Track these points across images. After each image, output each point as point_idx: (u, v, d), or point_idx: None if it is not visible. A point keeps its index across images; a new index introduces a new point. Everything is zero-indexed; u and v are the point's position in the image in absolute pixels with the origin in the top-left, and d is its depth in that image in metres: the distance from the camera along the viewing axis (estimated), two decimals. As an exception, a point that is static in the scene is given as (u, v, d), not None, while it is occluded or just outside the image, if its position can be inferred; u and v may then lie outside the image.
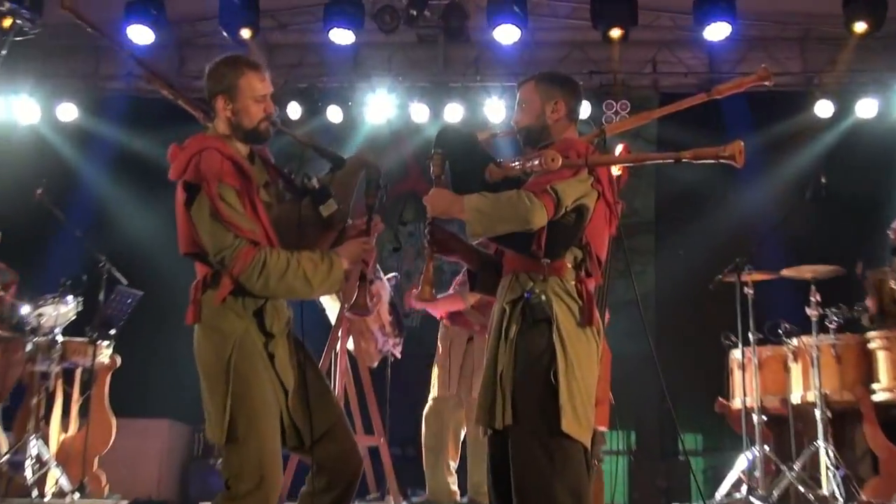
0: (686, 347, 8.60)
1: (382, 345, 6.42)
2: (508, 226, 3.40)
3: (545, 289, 3.43)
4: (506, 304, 3.50)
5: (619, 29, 8.38)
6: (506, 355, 3.43)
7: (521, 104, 3.84)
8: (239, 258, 3.18)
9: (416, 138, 10.24)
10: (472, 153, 3.74)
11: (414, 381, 6.95)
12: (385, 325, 6.39)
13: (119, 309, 6.80)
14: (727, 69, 9.72)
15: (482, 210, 3.43)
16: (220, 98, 3.41)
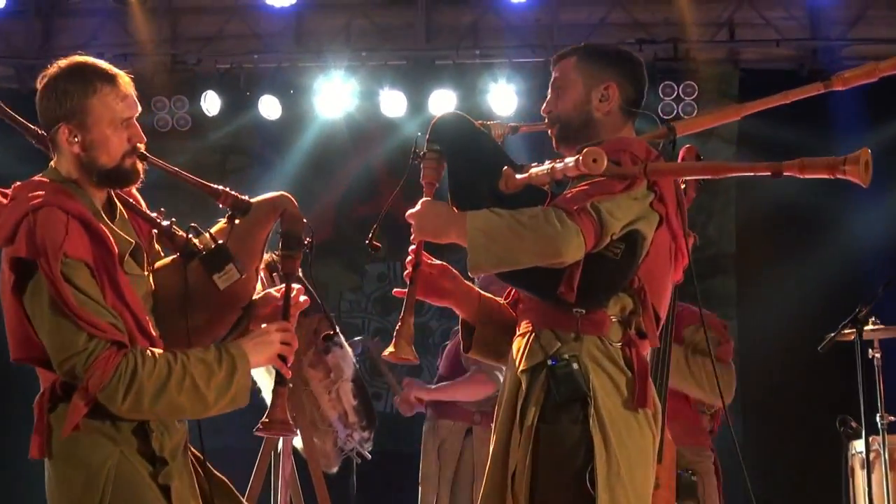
0: (782, 436, 8.56)
1: (344, 441, 6.38)
2: (528, 257, 3.23)
3: (578, 353, 3.28)
4: (521, 373, 3.35)
5: None
6: (521, 449, 3.25)
7: (556, 87, 3.76)
8: (96, 369, 2.89)
9: (389, 139, 10.23)
10: (481, 152, 3.64)
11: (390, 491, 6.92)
12: (348, 412, 6.36)
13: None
14: (837, 34, 9.75)
15: (491, 233, 3.27)
16: (64, 128, 3.09)
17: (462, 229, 3.35)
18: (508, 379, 3.50)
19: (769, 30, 10.01)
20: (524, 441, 3.25)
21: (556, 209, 3.19)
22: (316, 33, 10.14)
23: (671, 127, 3.71)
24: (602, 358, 3.31)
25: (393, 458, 6.91)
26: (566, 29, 9.99)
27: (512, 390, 3.42)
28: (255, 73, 9.91)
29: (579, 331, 3.32)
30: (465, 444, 6.29)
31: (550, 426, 3.25)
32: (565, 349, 3.29)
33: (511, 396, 3.40)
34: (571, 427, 3.24)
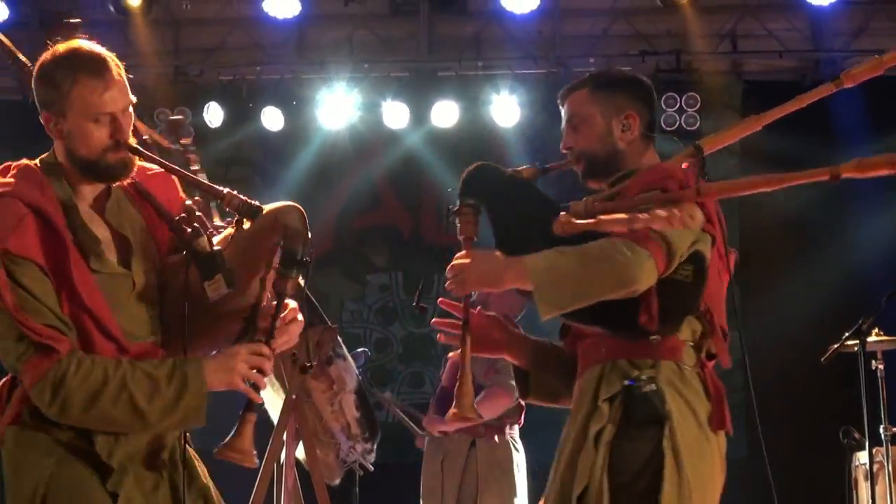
0: (787, 447, 8.52)
1: (347, 452, 6.36)
2: (601, 289, 3.19)
3: (656, 378, 3.29)
4: (603, 402, 3.32)
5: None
6: (594, 467, 3.25)
7: (572, 122, 3.70)
8: (27, 371, 2.84)
9: (391, 151, 10.24)
10: (523, 199, 3.59)
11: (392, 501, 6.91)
12: (350, 423, 6.34)
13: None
14: (839, 45, 9.76)
15: (559, 272, 3.22)
16: (45, 114, 3.03)
17: (521, 273, 3.28)
18: (580, 411, 3.43)
19: (772, 41, 10.03)
20: (600, 457, 3.23)
21: (621, 239, 3.15)
22: (318, 45, 10.14)
23: (698, 146, 3.58)
24: (679, 382, 3.32)
25: (396, 470, 6.89)
26: (569, 40, 10.00)
27: (586, 416, 3.36)
28: (257, 85, 9.91)
29: (657, 357, 3.33)
30: (470, 456, 6.26)
31: (626, 444, 3.25)
32: (644, 374, 3.29)
33: (584, 422, 3.36)
34: (645, 447, 3.24)
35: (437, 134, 10.04)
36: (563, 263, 3.21)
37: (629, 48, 10.01)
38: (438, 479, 6.37)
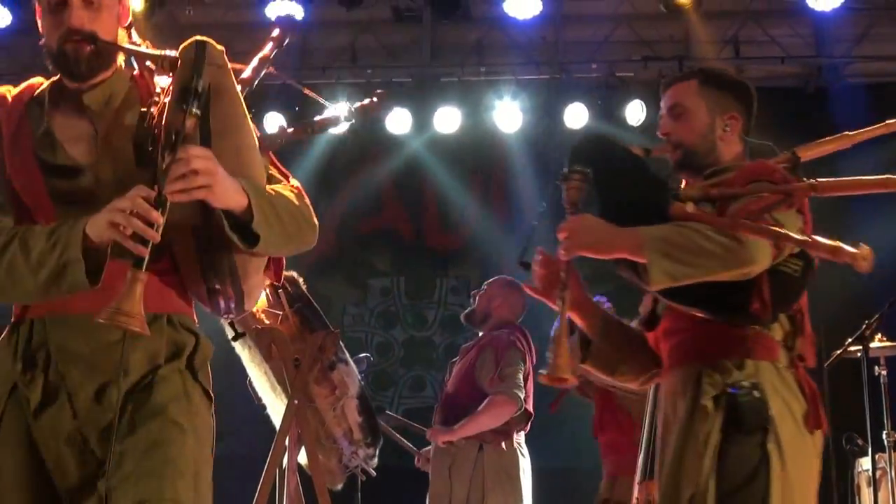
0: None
1: (349, 457, 6.36)
2: (718, 266, 3.20)
3: (758, 380, 3.31)
4: (706, 402, 3.33)
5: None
6: (701, 472, 3.29)
7: (675, 111, 3.73)
8: None
9: (394, 156, 10.26)
10: (638, 174, 3.59)
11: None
12: (353, 428, 6.34)
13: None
14: (841, 51, 9.77)
15: (675, 245, 3.22)
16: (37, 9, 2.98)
17: (635, 242, 3.28)
18: (677, 407, 3.48)
19: (774, 47, 10.05)
20: (707, 462, 3.26)
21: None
22: (321, 51, 10.16)
23: (795, 153, 3.60)
24: (778, 384, 3.34)
25: (397, 474, 6.88)
26: (571, 46, 10.02)
27: (687, 415, 3.39)
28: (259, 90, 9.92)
29: (756, 358, 3.35)
30: (477, 461, 6.28)
31: (732, 449, 3.26)
32: (743, 377, 3.30)
33: (687, 420, 3.38)
34: (752, 452, 3.25)
35: (439, 139, 10.07)
36: (680, 237, 3.22)
37: (632, 54, 10.03)
38: (447, 485, 6.37)
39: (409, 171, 10.37)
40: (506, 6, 8.52)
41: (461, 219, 10.50)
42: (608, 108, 9.87)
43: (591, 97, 9.87)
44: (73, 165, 2.87)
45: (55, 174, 2.87)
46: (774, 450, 3.23)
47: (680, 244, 3.21)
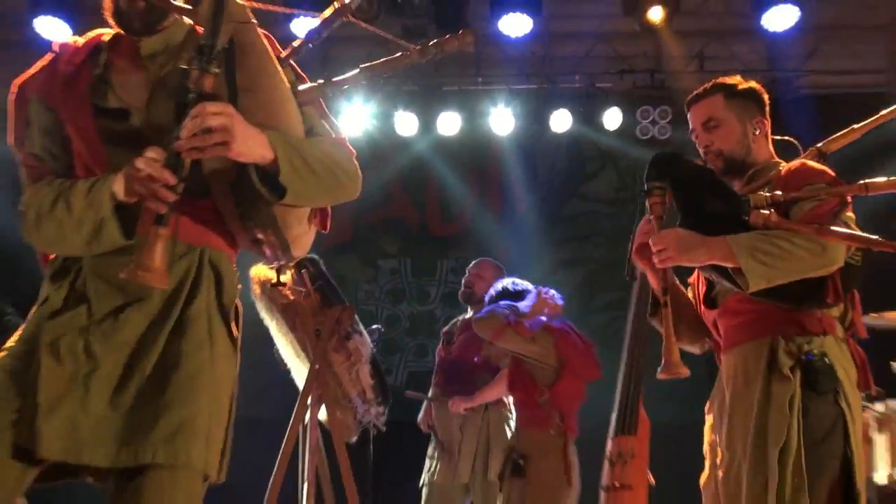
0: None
1: (362, 414, 6.41)
2: (802, 269, 3.33)
3: (825, 349, 3.44)
4: (788, 370, 3.43)
5: (662, 8, 8.39)
6: (790, 428, 3.38)
7: (709, 124, 3.77)
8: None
9: (402, 155, 10.33)
10: (713, 186, 3.60)
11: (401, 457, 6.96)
12: (366, 390, 6.40)
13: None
14: (794, 65, 9.82)
15: (764, 252, 3.30)
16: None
17: (727, 251, 3.34)
18: (749, 378, 3.55)
19: (734, 62, 10.09)
20: (794, 422, 3.35)
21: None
22: (340, 61, 10.17)
23: (822, 150, 3.76)
24: (838, 353, 3.47)
25: (404, 429, 6.91)
26: (557, 60, 10.05)
27: (765, 382, 3.47)
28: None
29: (821, 332, 3.46)
30: (484, 419, 6.36)
31: (813, 407, 3.38)
32: (814, 346, 3.42)
33: (764, 387, 3.47)
34: (830, 410, 3.39)
35: (441, 141, 10.12)
36: (769, 244, 3.28)
37: (610, 67, 10.06)
38: (458, 437, 6.39)
39: (415, 168, 10.42)
40: (500, 24, 8.53)
41: (460, 209, 10.54)
42: (589, 115, 9.95)
43: (574, 105, 9.94)
44: (124, 108, 2.75)
45: (106, 116, 2.75)
46: (846, 407, 3.38)
47: (770, 251, 3.29)
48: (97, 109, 2.75)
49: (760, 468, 3.38)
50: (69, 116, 2.78)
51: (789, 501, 3.31)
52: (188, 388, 2.60)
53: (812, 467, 3.34)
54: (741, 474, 3.47)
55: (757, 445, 3.41)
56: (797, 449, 3.33)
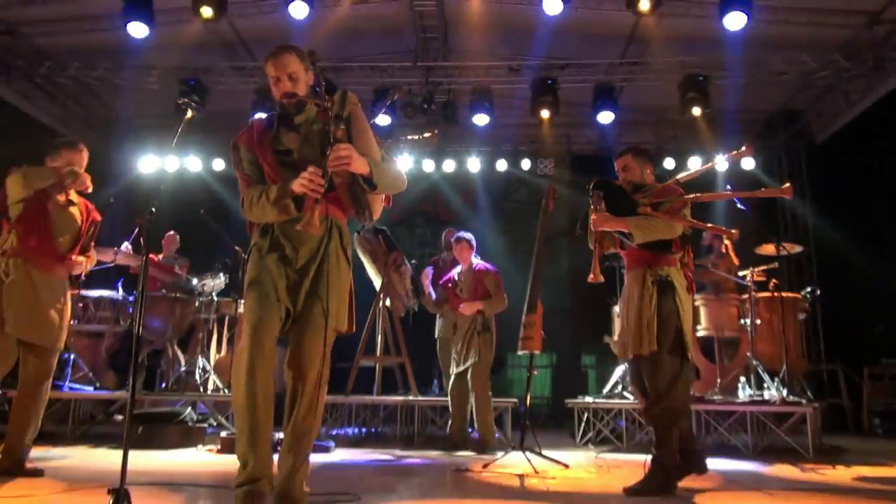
0: (588, 305, 8.56)
1: (406, 303, 6.47)
2: (661, 234, 3.51)
3: (669, 274, 3.54)
4: (652, 283, 3.52)
5: (548, 110, 8.23)
6: (650, 312, 3.51)
7: (626, 169, 3.79)
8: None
9: (426, 180, 10.16)
10: (622, 194, 3.69)
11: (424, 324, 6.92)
12: (408, 291, 6.45)
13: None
14: (612, 140, 9.74)
15: (645, 225, 3.49)
16: None
17: (624, 224, 3.51)
18: (636, 286, 3.57)
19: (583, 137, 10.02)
20: (652, 308, 3.47)
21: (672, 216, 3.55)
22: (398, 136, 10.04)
23: (678, 180, 3.78)
24: (677, 274, 3.55)
25: (424, 311, 6.79)
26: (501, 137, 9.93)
27: (641, 289, 3.53)
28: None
29: (671, 265, 3.55)
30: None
31: (662, 300, 3.48)
32: (664, 272, 3.52)
33: (640, 292, 3.53)
34: (670, 302, 3.48)
35: (445, 174, 10.02)
36: (646, 221, 3.48)
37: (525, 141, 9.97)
38: (451, 336, 5.87)
39: (432, 187, 10.33)
40: (474, 119, 8.45)
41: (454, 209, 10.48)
42: (514, 162, 9.87)
43: (508, 157, 9.88)
44: (288, 149, 2.74)
45: (280, 154, 2.73)
46: (679, 301, 3.48)
47: (645, 225, 3.47)
48: (274, 150, 2.74)
49: (637, 329, 3.48)
50: (261, 155, 2.76)
51: (648, 343, 3.43)
52: (332, 285, 2.68)
53: (661, 331, 3.43)
54: (628, 332, 3.55)
55: (634, 323, 3.50)
56: (652, 320, 3.44)
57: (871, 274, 7.41)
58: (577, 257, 9.74)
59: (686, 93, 7.94)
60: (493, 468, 4.21)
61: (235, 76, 8.41)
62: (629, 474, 4.11)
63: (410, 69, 8.43)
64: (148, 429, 5.27)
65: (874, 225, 7.88)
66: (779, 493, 3.47)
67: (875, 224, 7.88)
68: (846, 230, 8.19)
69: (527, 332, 4.33)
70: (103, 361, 6.34)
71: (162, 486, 3.24)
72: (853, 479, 4.02)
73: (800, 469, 4.45)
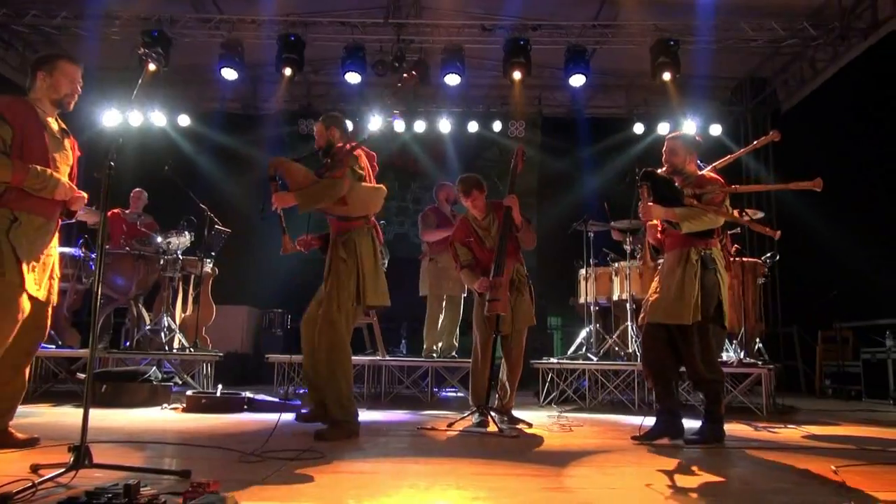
0: (554, 267, 8.67)
1: (375, 263, 6.40)
2: (705, 225, 3.72)
3: (713, 252, 3.79)
4: (696, 260, 3.76)
5: (520, 71, 8.16)
6: (694, 286, 3.76)
7: (669, 154, 3.95)
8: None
9: (396, 141, 10.07)
10: (670, 185, 3.84)
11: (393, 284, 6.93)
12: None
13: (216, 241, 6.77)
14: (583, 104, 9.73)
15: (690, 215, 3.70)
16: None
17: (672, 215, 3.72)
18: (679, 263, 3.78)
19: (554, 100, 9.99)
20: (697, 282, 3.71)
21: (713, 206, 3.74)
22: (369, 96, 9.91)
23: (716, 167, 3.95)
24: (717, 253, 3.81)
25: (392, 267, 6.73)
26: (472, 98, 9.84)
27: (684, 265, 3.75)
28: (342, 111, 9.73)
29: (712, 246, 3.79)
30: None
31: (705, 274, 3.75)
32: (707, 251, 3.78)
33: (684, 267, 3.76)
34: (712, 276, 3.74)
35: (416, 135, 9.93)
36: (692, 212, 3.70)
37: (497, 102, 9.90)
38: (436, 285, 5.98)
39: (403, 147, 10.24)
40: (445, 79, 8.34)
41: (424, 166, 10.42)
42: (486, 124, 9.82)
43: (478, 119, 9.81)
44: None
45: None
46: (719, 276, 3.73)
47: (694, 216, 3.68)
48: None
49: (679, 301, 3.71)
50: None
51: (692, 315, 3.68)
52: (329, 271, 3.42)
53: (706, 302, 3.70)
54: (667, 303, 3.74)
55: (679, 291, 3.72)
56: (696, 295, 3.69)
57: (830, 240, 7.58)
58: (544, 219, 9.81)
59: (657, 57, 7.92)
60: (458, 427, 4.26)
61: (201, 28, 8.15)
62: (589, 432, 4.21)
63: (382, 26, 8.26)
64: (113, 387, 5.21)
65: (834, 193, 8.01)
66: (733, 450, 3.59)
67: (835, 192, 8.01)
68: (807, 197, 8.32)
69: (494, 294, 4.33)
70: (65, 319, 6.23)
71: (125, 444, 3.21)
72: (801, 437, 4.16)
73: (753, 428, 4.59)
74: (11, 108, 3.05)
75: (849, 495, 2.48)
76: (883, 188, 7.35)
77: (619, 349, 6.46)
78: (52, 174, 3.09)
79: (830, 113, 8.31)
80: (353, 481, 2.56)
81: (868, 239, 7.33)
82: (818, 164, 8.34)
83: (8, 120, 3.02)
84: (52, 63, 3.24)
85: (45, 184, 3.06)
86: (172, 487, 2.22)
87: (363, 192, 3.60)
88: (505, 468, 2.93)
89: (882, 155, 7.36)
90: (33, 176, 3.02)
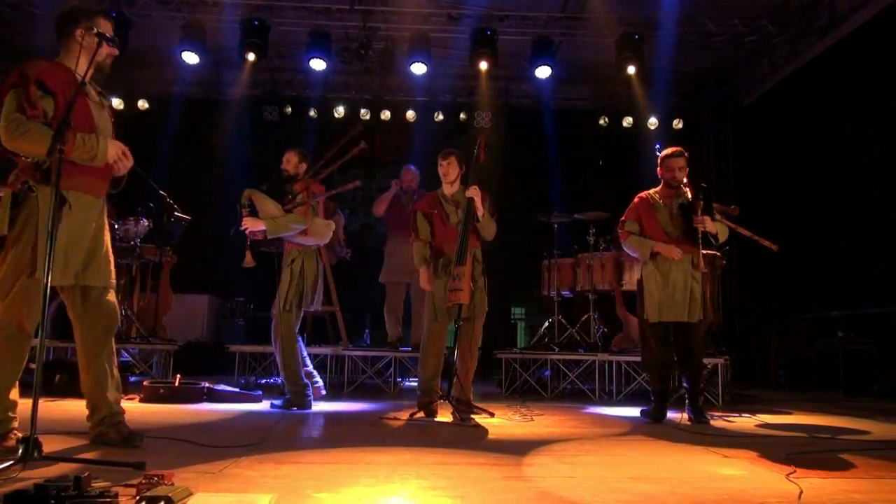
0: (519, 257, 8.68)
1: (339, 253, 6.39)
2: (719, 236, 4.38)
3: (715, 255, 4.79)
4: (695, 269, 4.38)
5: (486, 62, 8.14)
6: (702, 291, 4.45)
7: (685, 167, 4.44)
8: None
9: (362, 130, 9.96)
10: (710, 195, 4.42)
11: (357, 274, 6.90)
12: (341, 241, 6.37)
13: (175, 228, 6.64)
14: (549, 96, 9.74)
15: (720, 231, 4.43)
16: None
17: (716, 228, 4.38)
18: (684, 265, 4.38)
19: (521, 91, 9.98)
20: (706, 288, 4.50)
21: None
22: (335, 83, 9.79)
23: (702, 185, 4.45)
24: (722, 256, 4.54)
25: (355, 261, 6.77)
26: (438, 87, 9.78)
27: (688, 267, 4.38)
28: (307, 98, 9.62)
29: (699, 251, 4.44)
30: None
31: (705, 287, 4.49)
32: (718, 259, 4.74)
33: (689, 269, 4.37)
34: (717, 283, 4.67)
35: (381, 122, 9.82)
36: (723, 227, 4.39)
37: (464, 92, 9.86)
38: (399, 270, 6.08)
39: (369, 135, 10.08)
40: (412, 68, 8.27)
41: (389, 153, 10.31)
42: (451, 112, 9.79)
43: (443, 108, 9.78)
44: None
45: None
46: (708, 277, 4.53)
47: (723, 229, 4.31)
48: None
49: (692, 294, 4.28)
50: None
51: (703, 308, 4.29)
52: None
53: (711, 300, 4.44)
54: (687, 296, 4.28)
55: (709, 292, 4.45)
56: (705, 293, 4.31)
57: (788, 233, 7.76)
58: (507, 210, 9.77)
59: (622, 51, 7.98)
60: (419, 417, 4.27)
61: (161, 10, 7.95)
62: (550, 422, 4.26)
63: (347, 12, 8.15)
64: (67, 377, 5.09)
65: (794, 186, 8.21)
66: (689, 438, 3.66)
67: (794, 185, 8.22)
68: (767, 190, 8.51)
69: (455, 283, 4.33)
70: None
71: (78, 435, 3.14)
72: (755, 426, 4.28)
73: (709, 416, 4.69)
74: (52, 74, 2.64)
75: (799, 481, 2.56)
76: (840, 182, 7.54)
77: (581, 339, 6.53)
78: (98, 137, 2.74)
79: (789, 108, 8.49)
80: (312, 472, 2.55)
81: (827, 232, 7.52)
82: (777, 157, 8.52)
83: (50, 87, 2.62)
84: (93, 19, 2.79)
85: (94, 150, 2.70)
86: (126, 480, 2.18)
87: (320, 226, 4.40)
88: (466, 458, 2.94)
89: (838, 149, 7.54)
90: (80, 145, 2.65)
